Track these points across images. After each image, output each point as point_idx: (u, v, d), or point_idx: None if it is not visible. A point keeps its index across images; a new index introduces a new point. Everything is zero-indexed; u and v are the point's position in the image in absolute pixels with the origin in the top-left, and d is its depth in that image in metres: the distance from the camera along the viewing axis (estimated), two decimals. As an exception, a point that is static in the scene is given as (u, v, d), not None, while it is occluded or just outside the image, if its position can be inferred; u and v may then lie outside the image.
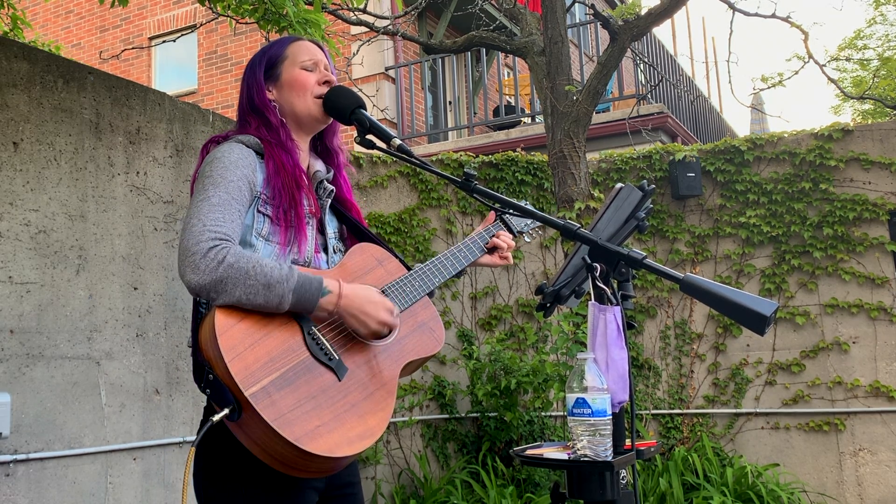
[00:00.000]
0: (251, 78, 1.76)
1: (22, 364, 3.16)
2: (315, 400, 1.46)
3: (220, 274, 1.46)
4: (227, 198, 1.55)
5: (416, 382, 5.37)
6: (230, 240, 1.52)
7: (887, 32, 16.95)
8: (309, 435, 1.41)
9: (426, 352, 1.71)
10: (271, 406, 1.40)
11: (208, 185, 1.57)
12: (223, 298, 1.47)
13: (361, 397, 1.53)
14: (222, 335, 1.44)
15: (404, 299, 1.71)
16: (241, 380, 1.40)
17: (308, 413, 1.44)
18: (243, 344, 1.45)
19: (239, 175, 1.59)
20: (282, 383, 1.44)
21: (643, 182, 1.62)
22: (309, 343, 1.52)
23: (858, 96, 8.74)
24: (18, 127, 3.26)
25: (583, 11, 12.48)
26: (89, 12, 11.59)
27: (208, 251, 1.47)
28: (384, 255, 1.78)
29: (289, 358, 1.48)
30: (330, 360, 1.52)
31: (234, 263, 1.47)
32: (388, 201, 5.58)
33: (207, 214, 1.52)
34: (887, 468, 4.98)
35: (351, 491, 1.74)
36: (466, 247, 1.89)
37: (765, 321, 1.36)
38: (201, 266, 1.47)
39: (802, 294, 5.30)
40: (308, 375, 1.49)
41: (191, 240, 1.49)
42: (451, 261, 1.84)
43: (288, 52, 1.77)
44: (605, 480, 1.40)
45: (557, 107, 5.77)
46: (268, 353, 1.46)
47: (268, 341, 1.48)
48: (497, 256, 1.94)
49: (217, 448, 1.53)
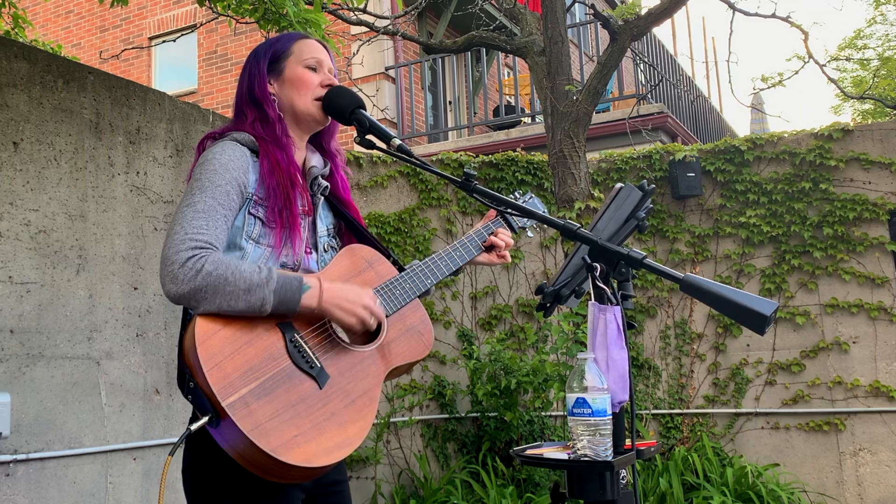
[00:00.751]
0: (254, 67, 1.75)
1: (22, 364, 3.16)
2: (294, 409, 1.46)
3: (199, 283, 1.46)
4: (212, 203, 1.55)
5: (416, 382, 5.37)
6: (211, 247, 1.51)
7: (887, 32, 16.94)
8: (286, 445, 1.41)
9: (413, 356, 1.70)
10: (248, 416, 1.40)
11: (195, 189, 1.57)
12: (204, 307, 1.47)
13: (342, 405, 1.52)
14: (202, 344, 1.44)
15: (393, 302, 1.69)
16: (219, 390, 1.41)
17: (286, 423, 1.43)
18: (223, 353, 1.45)
19: (228, 178, 1.58)
20: (260, 392, 1.44)
21: (643, 182, 1.62)
22: (291, 351, 1.51)
23: (858, 96, 8.75)
24: (18, 127, 3.26)
25: (583, 11, 12.48)
26: (89, 12, 11.59)
27: (186, 261, 1.47)
28: (375, 257, 1.76)
29: (269, 366, 1.48)
30: (311, 367, 1.52)
31: (212, 271, 1.47)
32: (388, 201, 5.58)
33: (191, 222, 1.52)
34: (887, 468, 4.98)
35: (338, 489, 1.74)
36: (463, 245, 1.86)
37: (765, 321, 1.36)
38: (179, 276, 1.47)
39: (802, 294, 5.30)
40: (288, 384, 1.48)
41: (171, 249, 1.49)
42: (445, 261, 1.81)
43: (294, 48, 1.76)
44: (605, 480, 1.40)
45: (557, 107, 5.77)
46: (248, 362, 1.46)
47: (248, 350, 1.48)
48: (495, 255, 1.92)
49: (204, 451, 1.53)
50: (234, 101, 1.80)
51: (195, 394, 1.45)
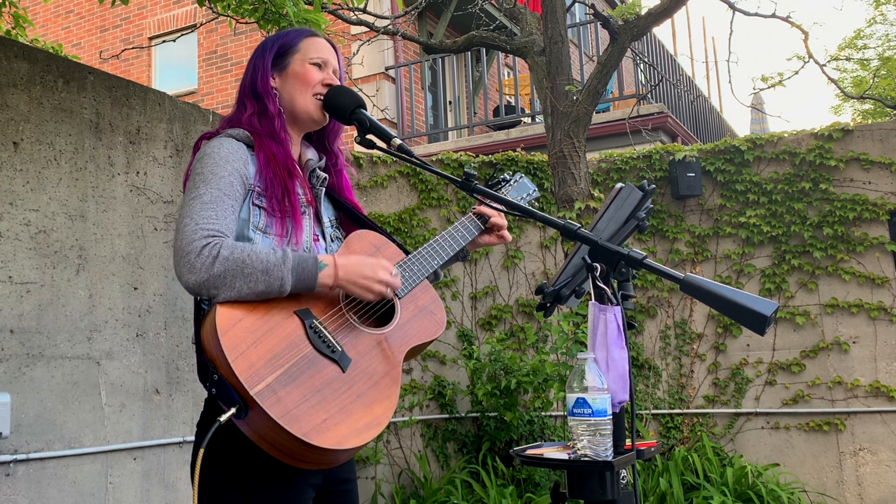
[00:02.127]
0: (259, 60, 1.76)
1: (22, 364, 3.16)
2: (321, 393, 1.47)
3: (217, 269, 1.47)
4: (218, 194, 1.56)
5: (416, 382, 5.37)
6: (223, 235, 1.53)
7: (887, 32, 16.95)
8: (316, 429, 1.42)
9: (428, 336, 1.72)
10: (277, 403, 1.41)
11: (199, 182, 1.58)
12: (225, 293, 1.48)
13: (366, 387, 1.54)
14: (224, 335, 1.44)
15: (404, 284, 1.70)
16: (246, 379, 1.41)
17: (314, 407, 1.45)
18: (246, 342, 1.46)
19: (230, 170, 1.60)
20: (286, 379, 1.45)
21: (643, 182, 1.62)
22: (311, 337, 1.53)
23: (858, 96, 8.74)
24: (18, 127, 3.26)
25: (583, 11, 12.48)
26: (89, 12, 11.59)
27: (202, 249, 1.48)
28: (382, 241, 1.77)
29: (292, 353, 1.49)
30: (333, 352, 1.53)
31: (228, 256, 1.48)
32: (388, 201, 5.58)
33: (199, 213, 1.53)
34: (887, 468, 4.98)
35: (347, 487, 1.75)
36: (462, 225, 1.87)
37: (765, 321, 1.36)
38: (197, 265, 1.48)
39: (802, 294, 5.30)
40: (312, 369, 1.49)
41: (184, 240, 1.50)
42: (448, 241, 1.82)
43: (302, 45, 1.77)
44: (605, 480, 1.40)
45: (557, 107, 5.77)
46: (270, 350, 1.47)
47: (270, 338, 1.49)
48: (495, 236, 1.92)
49: (216, 441, 1.53)
50: (237, 89, 1.82)
51: (220, 385, 1.44)
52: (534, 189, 2.07)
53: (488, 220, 1.90)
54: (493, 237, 1.92)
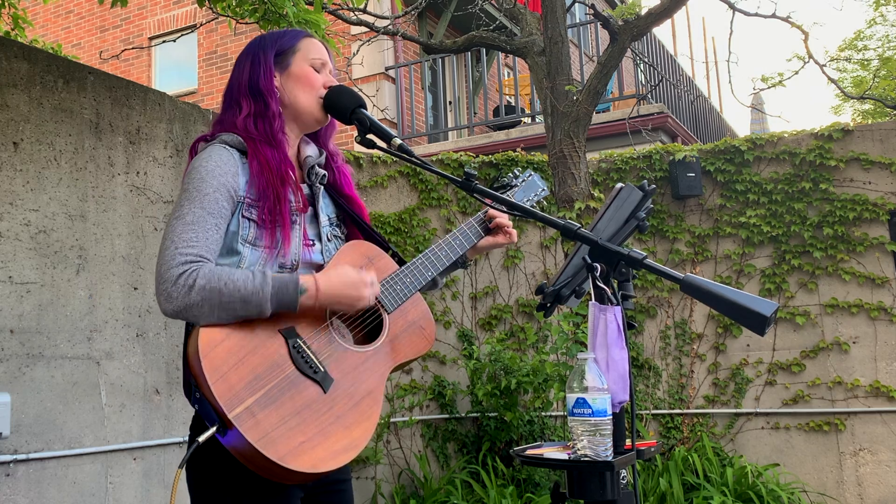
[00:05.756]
0: (259, 57, 1.74)
1: (22, 364, 3.16)
2: (300, 416, 1.47)
3: (194, 299, 1.47)
4: (201, 213, 1.54)
5: (416, 382, 5.37)
6: (202, 260, 1.51)
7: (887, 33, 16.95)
8: (293, 452, 1.42)
9: (416, 352, 1.71)
10: (255, 427, 1.42)
11: (184, 200, 1.57)
12: (205, 320, 1.48)
13: (347, 408, 1.53)
14: (206, 357, 1.44)
15: (394, 299, 1.69)
16: (225, 402, 1.42)
17: (293, 430, 1.45)
18: (227, 364, 1.45)
19: (215, 185, 1.57)
20: (266, 402, 1.45)
21: (643, 182, 1.62)
22: (294, 357, 1.52)
23: (858, 96, 8.73)
24: (18, 127, 3.26)
25: (583, 11, 12.48)
26: (89, 12, 11.59)
27: (178, 277, 1.48)
28: (375, 253, 1.75)
29: (274, 374, 1.49)
30: (315, 372, 1.52)
31: (205, 286, 1.47)
32: (388, 201, 5.58)
33: (180, 235, 1.52)
34: (887, 468, 4.98)
35: (340, 488, 1.74)
36: (462, 232, 1.85)
37: (765, 321, 1.36)
38: (173, 294, 1.48)
39: (802, 294, 5.30)
40: (293, 391, 1.49)
41: (162, 266, 1.50)
42: (444, 251, 1.80)
43: (301, 45, 1.76)
44: (605, 480, 1.40)
45: (557, 107, 5.77)
46: (252, 371, 1.47)
47: (252, 359, 1.48)
48: (501, 236, 1.90)
49: (206, 450, 1.54)
50: (225, 89, 1.77)
51: (202, 404, 1.47)
52: (543, 188, 2.05)
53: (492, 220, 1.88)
54: (500, 237, 1.91)
